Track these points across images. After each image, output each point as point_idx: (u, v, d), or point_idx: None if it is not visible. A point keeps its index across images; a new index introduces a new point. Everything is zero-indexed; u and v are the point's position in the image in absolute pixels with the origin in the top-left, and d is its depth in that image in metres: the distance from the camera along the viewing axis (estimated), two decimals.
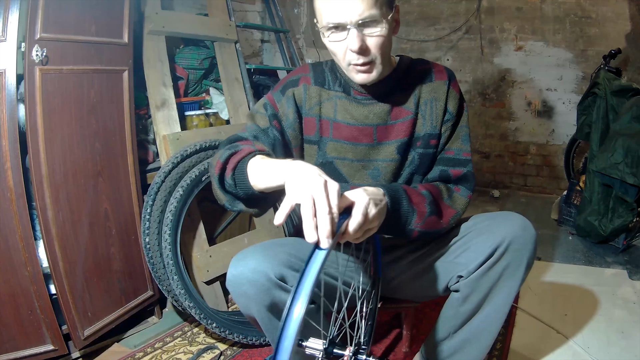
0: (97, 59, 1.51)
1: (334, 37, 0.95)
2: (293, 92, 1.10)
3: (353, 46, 0.92)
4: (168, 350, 1.60)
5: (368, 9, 0.90)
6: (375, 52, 0.96)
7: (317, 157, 1.12)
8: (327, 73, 1.12)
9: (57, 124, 1.40)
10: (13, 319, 1.34)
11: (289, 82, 1.12)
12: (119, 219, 1.63)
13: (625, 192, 2.21)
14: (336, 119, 1.09)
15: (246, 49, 3.10)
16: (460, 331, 1.10)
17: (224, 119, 2.20)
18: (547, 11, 3.11)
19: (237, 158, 0.94)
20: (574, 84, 3.16)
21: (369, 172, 1.11)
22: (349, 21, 0.91)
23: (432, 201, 1.01)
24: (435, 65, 1.13)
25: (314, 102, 1.10)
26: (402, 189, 0.98)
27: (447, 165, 1.10)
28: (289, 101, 1.10)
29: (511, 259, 0.98)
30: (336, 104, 1.09)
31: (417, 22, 3.52)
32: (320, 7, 0.94)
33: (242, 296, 0.94)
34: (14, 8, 1.25)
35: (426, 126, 1.09)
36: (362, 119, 1.08)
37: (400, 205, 0.95)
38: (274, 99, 1.12)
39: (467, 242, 1.05)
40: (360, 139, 1.09)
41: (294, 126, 1.10)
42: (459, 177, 1.10)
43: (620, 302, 1.82)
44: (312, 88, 1.10)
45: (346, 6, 0.90)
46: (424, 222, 0.99)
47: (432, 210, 1.00)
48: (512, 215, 1.03)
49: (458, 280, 1.05)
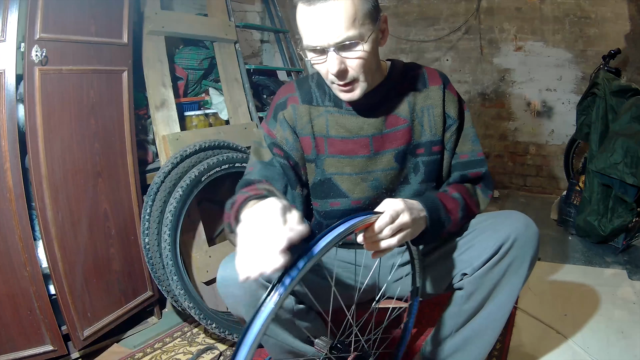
0: (96, 59, 1.51)
1: (314, 60, 0.94)
2: (284, 115, 1.09)
3: (332, 70, 0.91)
4: (168, 351, 1.60)
5: (346, 30, 0.87)
6: (356, 73, 0.94)
7: (315, 175, 1.12)
8: (314, 89, 1.10)
9: (56, 124, 1.40)
10: (12, 319, 1.34)
11: (277, 106, 1.11)
12: (118, 219, 1.63)
13: (625, 192, 2.21)
14: (329, 134, 1.08)
15: (246, 49, 3.10)
16: (462, 329, 1.10)
17: (224, 119, 2.20)
18: (547, 11, 3.11)
19: (235, 208, 0.93)
20: (573, 84, 3.16)
21: (369, 184, 1.10)
22: (327, 44, 0.89)
23: (464, 206, 1.06)
24: (428, 70, 1.11)
25: (304, 121, 1.08)
26: (438, 199, 1.01)
27: (464, 169, 1.12)
28: (282, 124, 1.09)
29: (515, 256, 0.99)
30: (327, 119, 1.08)
31: (416, 22, 3.52)
32: (301, 29, 0.92)
33: (231, 297, 0.96)
34: (13, 8, 1.25)
35: (425, 133, 1.08)
36: (356, 130, 1.07)
37: (439, 219, 0.99)
38: (269, 128, 1.11)
39: (471, 240, 1.05)
40: (357, 151, 1.08)
41: (296, 147, 1.09)
42: (479, 177, 1.13)
43: (620, 302, 1.82)
44: (301, 107, 1.09)
45: (324, 29, 0.88)
46: (454, 229, 1.06)
47: (463, 215, 1.05)
48: (515, 214, 1.04)
49: (462, 278, 1.06)
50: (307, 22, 0.89)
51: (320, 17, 0.87)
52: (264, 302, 0.65)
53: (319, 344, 0.80)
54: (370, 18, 0.91)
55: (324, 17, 0.87)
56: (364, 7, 0.89)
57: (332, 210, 1.12)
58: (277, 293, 0.65)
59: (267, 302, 0.65)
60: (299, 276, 0.66)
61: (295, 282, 0.66)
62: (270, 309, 0.64)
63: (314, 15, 0.87)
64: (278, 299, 0.65)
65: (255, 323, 0.63)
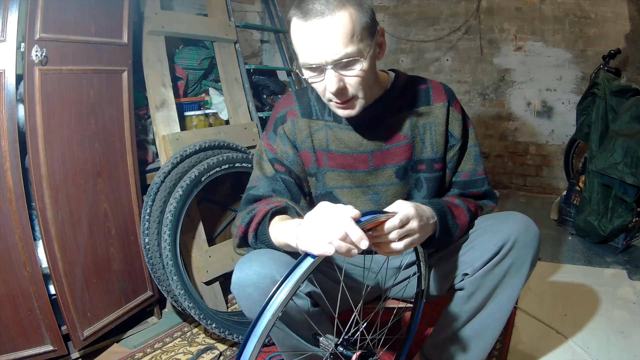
0: (96, 59, 1.51)
1: (312, 79, 0.92)
2: (284, 129, 1.08)
3: (331, 88, 0.89)
4: (167, 351, 1.59)
5: (344, 47, 0.85)
6: (355, 90, 0.92)
7: (316, 189, 1.11)
8: (314, 102, 1.09)
9: (56, 124, 1.40)
10: (12, 319, 1.34)
11: (277, 120, 1.10)
12: (118, 219, 1.63)
13: (625, 192, 2.21)
14: (329, 149, 1.07)
15: (245, 49, 3.10)
16: (463, 329, 1.10)
17: (224, 119, 2.20)
18: (547, 11, 3.11)
19: (256, 221, 0.96)
20: (573, 84, 3.16)
21: (369, 197, 1.10)
22: (324, 62, 0.87)
23: (468, 209, 1.07)
24: (433, 85, 1.09)
25: (304, 135, 1.07)
26: (446, 205, 1.03)
27: (464, 188, 1.12)
28: (282, 139, 1.08)
29: (516, 257, 0.99)
30: (327, 133, 1.07)
31: (416, 23, 3.52)
32: (296, 46, 0.90)
33: (247, 299, 0.93)
34: (13, 8, 1.25)
35: (426, 151, 1.07)
36: (355, 146, 1.06)
37: (447, 225, 1.01)
38: (269, 142, 1.10)
39: (472, 240, 1.06)
40: (356, 166, 1.07)
41: (296, 161, 1.09)
42: (479, 196, 1.14)
43: (620, 302, 1.82)
44: (300, 121, 1.07)
45: (321, 46, 0.85)
46: (463, 233, 1.06)
47: (471, 219, 1.07)
48: (516, 215, 1.04)
49: (463, 279, 1.06)
50: (303, 39, 0.87)
51: (317, 33, 0.85)
52: (272, 298, 0.68)
53: (324, 342, 0.80)
54: (368, 32, 0.89)
55: (321, 33, 0.84)
56: (362, 22, 0.87)
57: None
58: (286, 289, 0.68)
59: (275, 298, 0.67)
60: (307, 272, 0.69)
61: (304, 277, 0.69)
62: (277, 305, 0.67)
63: (311, 32, 0.85)
64: (285, 296, 0.67)
65: (262, 319, 0.66)
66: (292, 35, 0.90)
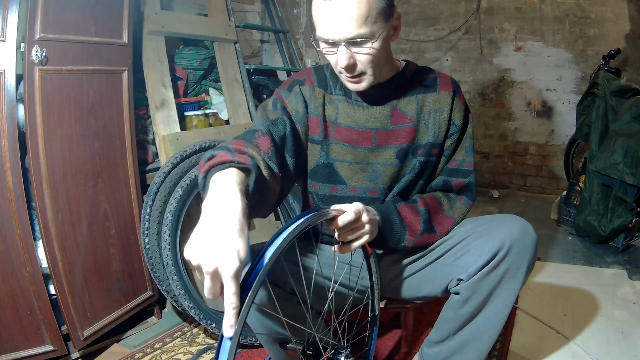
0: (96, 59, 1.51)
1: (326, 50, 0.98)
2: (300, 89, 1.11)
3: (341, 63, 0.95)
4: (168, 351, 1.60)
5: (357, 28, 0.90)
6: (364, 67, 0.97)
7: (319, 158, 1.13)
8: (329, 77, 1.13)
9: (56, 124, 1.40)
10: (12, 319, 1.34)
11: (295, 81, 1.14)
12: (118, 219, 1.63)
13: (625, 192, 2.21)
14: (337, 121, 1.10)
15: (245, 49, 3.10)
16: (459, 333, 1.10)
17: (224, 119, 2.20)
18: (547, 11, 3.11)
19: (210, 164, 0.88)
20: (573, 84, 3.16)
21: (367, 175, 1.12)
22: (338, 38, 0.92)
23: (427, 219, 1.08)
24: (441, 75, 1.14)
25: (318, 102, 1.11)
26: (395, 211, 1.05)
27: (450, 175, 1.14)
28: (297, 97, 1.10)
29: (512, 263, 0.98)
30: (338, 107, 1.10)
31: (416, 23, 3.52)
32: (315, 20, 0.95)
33: None
34: (13, 8, 1.25)
35: (428, 135, 1.10)
36: (362, 122, 1.09)
37: (392, 225, 1.04)
38: (282, 96, 1.12)
39: (467, 245, 1.04)
40: (360, 142, 1.10)
41: (303, 122, 1.10)
42: (461, 188, 1.14)
43: (620, 302, 1.82)
44: (317, 90, 1.11)
45: (336, 24, 0.91)
46: (416, 240, 1.07)
47: (425, 228, 1.07)
48: (512, 218, 1.02)
49: (458, 283, 1.05)
50: (322, 15, 0.92)
51: (334, 12, 0.90)
52: None
53: (291, 347, 0.81)
54: (383, 16, 0.93)
55: (338, 13, 0.90)
56: (378, 6, 0.92)
57: (331, 195, 1.14)
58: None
59: None
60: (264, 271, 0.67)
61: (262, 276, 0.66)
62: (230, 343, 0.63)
63: (329, 10, 0.90)
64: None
65: None
66: (312, 9, 0.95)
